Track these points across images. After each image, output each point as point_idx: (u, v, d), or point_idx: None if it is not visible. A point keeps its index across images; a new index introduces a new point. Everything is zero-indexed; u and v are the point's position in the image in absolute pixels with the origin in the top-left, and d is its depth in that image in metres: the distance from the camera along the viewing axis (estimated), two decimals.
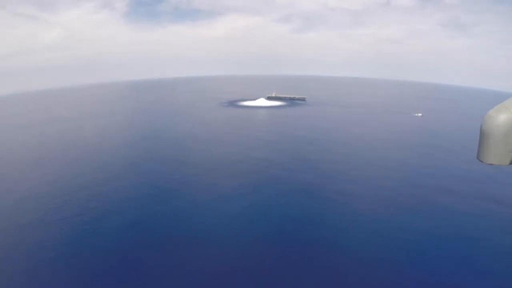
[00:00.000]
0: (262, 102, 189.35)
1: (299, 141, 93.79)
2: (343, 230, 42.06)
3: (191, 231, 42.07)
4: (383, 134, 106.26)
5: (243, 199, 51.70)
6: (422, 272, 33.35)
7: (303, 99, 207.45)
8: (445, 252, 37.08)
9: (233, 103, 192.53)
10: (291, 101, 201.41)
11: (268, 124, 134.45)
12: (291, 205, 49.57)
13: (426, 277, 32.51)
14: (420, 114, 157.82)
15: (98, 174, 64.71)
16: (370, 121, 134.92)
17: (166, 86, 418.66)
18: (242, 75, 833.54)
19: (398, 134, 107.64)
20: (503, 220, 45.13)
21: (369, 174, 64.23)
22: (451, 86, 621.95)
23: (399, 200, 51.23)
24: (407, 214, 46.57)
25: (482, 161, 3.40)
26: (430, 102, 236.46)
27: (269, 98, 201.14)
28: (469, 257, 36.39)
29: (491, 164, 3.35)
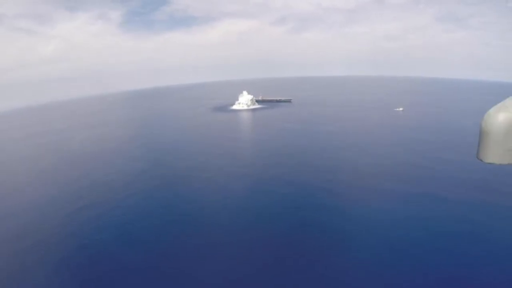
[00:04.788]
0: (245, 105, 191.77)
1: (257, 142, 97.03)
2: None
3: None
4: (352, 132, 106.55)
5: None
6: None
7: (288, 101, 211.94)
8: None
9: (219, 108, 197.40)
10: (276, 103, 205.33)
11: (239, 127, 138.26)
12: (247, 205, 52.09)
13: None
14: (401, 109, 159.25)
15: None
16: (345, 118, 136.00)
17: (160, 95, 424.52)
18: (238, 79, 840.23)
19: (370, 131, 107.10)
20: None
21: (313, 178, 63.08)
22: (446, 80, 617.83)
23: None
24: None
25: (481, 160, 3.48)
26: (417, 96, 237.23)
27: (256, 101, 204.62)
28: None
29: (491, 163, 3.44)
